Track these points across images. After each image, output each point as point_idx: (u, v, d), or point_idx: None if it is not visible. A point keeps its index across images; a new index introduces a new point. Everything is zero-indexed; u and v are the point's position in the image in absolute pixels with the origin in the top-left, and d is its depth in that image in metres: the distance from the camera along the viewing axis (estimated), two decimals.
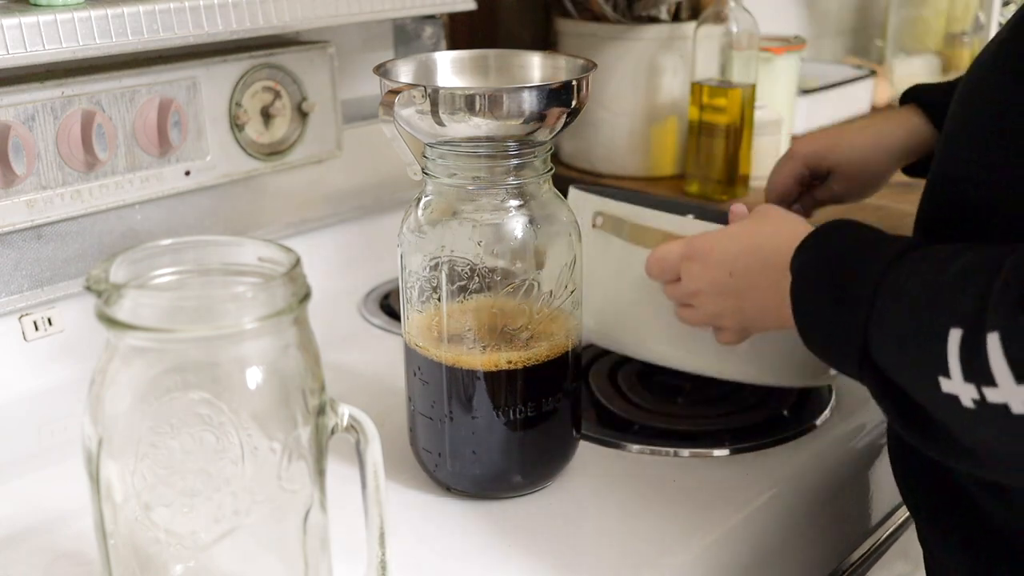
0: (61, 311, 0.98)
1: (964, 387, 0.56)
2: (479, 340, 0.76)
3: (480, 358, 0.76)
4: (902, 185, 1.40)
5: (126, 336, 0.54)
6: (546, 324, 0.77)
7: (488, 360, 0.76)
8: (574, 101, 0.77)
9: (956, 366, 0.56)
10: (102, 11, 0.92)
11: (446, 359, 0.77)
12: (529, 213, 0.76)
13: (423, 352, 0.78)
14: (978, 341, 0.55)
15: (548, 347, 0.77)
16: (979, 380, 0.55)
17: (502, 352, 0.76)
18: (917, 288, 0.60)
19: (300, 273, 0.57)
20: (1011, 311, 0.54)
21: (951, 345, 0.56)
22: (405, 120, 0.76)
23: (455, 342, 0.77)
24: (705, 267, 0.77)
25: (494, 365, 0.76)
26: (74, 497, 0.68)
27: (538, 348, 0.77)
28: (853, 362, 0.64)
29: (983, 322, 0.55)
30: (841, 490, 0.88)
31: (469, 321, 0.76)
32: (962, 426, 0.58)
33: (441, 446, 0.79)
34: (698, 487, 0.82)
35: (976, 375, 0.55)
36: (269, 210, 1.14)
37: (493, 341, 0.76)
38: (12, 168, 0.90)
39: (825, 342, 0.67)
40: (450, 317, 0.76)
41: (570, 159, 1.47)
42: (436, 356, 0.77)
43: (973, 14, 1.85)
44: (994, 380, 0.54)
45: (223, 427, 0.56)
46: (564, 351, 0.79)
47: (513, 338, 0.76)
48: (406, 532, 0.76)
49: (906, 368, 0.61)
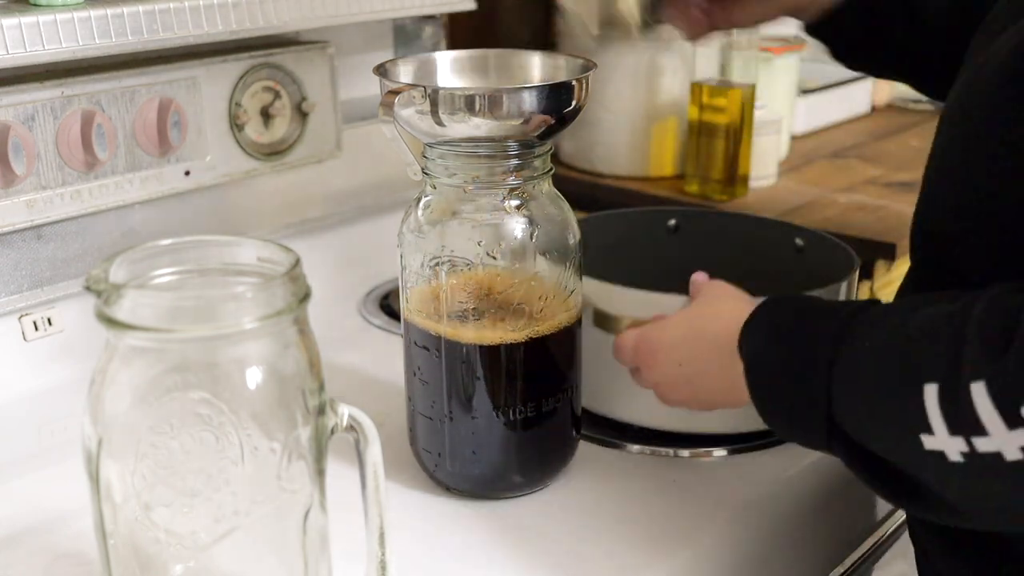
0: (61, 311, 0.98)
1: (951, 441, 0.54)
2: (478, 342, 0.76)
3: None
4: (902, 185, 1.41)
5: (126, 336, 0.54)
6: (546, 324, 0.77)
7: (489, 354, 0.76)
8: (574, 101, 0.77)
9: (939, 421, 0.54)
10: (102, 11, 0.92)
11: (445, 359, 0.77)
12: (529, 213, 0.76)
13: (423, 352, 0.78)
14: (960, 392, 0.53)
15: (548, 347, 0.77)
16: (967, 432, 0.53)
17: (502, 352, 0.76)
18: (879, 348, 0.58)
19: (300, 273, 0.57)
20: (993, 357, 0.52)
21: (928, 401, 0.55)
22: (405, 120, 0.76)
23: (454, 343, 0.77)
24: (655, 358, 0.76)
25: (494, 365, 0.76)
26: (74, 497, 0.68)
27: (538, 348, 0.77)
28: (821, 435, 0.62)
29: (961, 372, 0.53)
30: (841, 490, 0.88)
31: (468, 322, 0.76)
32: (951, 483, 0.57)
33: (441, 446, 0.79)
34: (698, 487, 0.82)
35: (963, 427, 0.53)
36: (269, 210, 1.14)
37: (493, 343, 0.76)
38: (12, 168, 0.90)
39: (788, 420, 0.65)
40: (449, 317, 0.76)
41: (570, 159, 1.47)
42: (435, 356, 0.77)
43: None
44: (984, 430, 0.53)
45: (223, 427, 0.56)
46: (563, 350, 0.79)
47: (513, 338, 0.76)
48: (406, 532, 0.76)
49: (880, 432, 0.59)
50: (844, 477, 0.89)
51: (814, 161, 1.53)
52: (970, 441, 0.53)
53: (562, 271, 0.77)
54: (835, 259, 0.92)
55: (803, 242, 0.98)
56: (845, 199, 1.35)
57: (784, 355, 0.64)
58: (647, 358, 0.77)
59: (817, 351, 0.61)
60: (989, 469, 0.54)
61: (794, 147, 1.55)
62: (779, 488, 0.83)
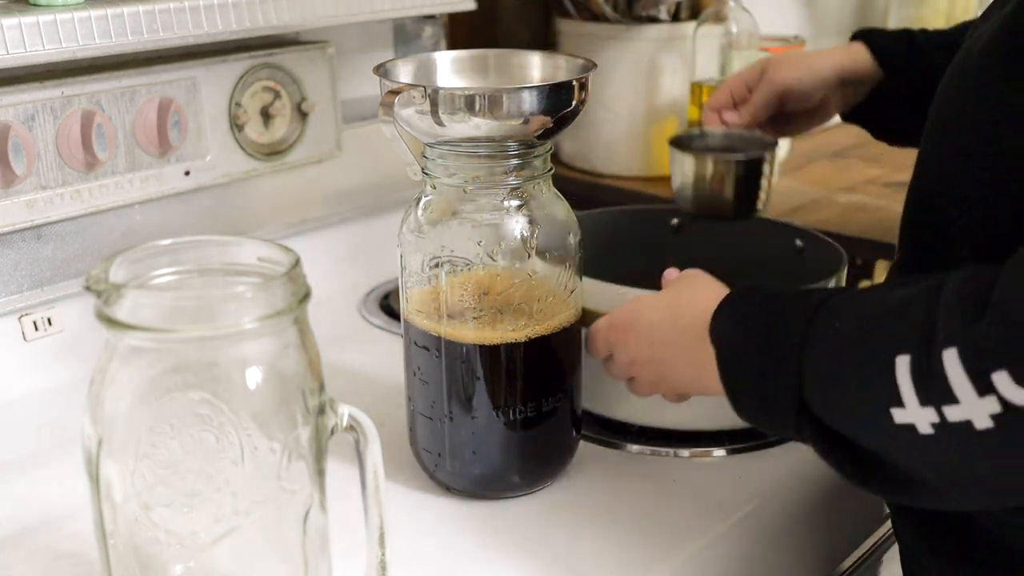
0: (61, 311, 0.98)
1: (921, 412, 0.54)
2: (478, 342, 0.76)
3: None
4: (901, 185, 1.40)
5: (126, 336, 0.54)
6: (545, 324, 0.77)
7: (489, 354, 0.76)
8: (574, 101, 0.77)
9: (910, 392, 0.54)
10: (102, 11, 0.92)
11: (445, 359, 0.77)
12: (529, 213, 0.76)
13: (423, 352, 0.78)
14: (931, 361, 0.53)
15: (548, 347, 0.77)
16: (938, 401, 0.53)
17: (502, 352, 0.76)
18: (851, 325, 0.58)
19: (300, 273, 0.57)
20: (965, 324, 0.52)
21: (900, 372, 0.54)
22: (405, 120, 0.76)
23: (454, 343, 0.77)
24: (628, 336, 0.76)
25: (494, 365, 0.76)
26: (74, 497, 0.68)
27: (538, 348, 0.77)
28: (791, 418, 0.62)
29: (933, 340, 0.53)
30: (840, 490, 0.88)
31: (468, 322, 0.76)
32: (919, 457, 0.56)
33: (440, 446, 0.79)
34: (697, 487, 0.82)
35: (934, 397, 0.53)
36: (269, 210, 1.14)
37: (492, 343, 0.76)
38: (12, 168, 0.90)
39: (758, 404, 0.65)
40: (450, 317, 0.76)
41: (570, 159, 1.47)
42: (435, 356, 0.77)
43: (972, 14, 1.85)
44: (955, 397, 0.53)
45: (223, 427, 0.56)
46: (563, 350, 0.79)
47: (513, 337, 0.76)
48: (406, 532, 0.76)
49: (850, 408, 0.59)
50: None
51: (814, 161, 1.54)
52: (941, 411, 0.53)
53: (562, 271, 0.77)
54: (834, 259, 0.92)
55: (803, 243, 0.98)
56: (845, 199, 1.35)
57: (754, 338, 0.64)
58: (620, 336, 0.77)
59: (788, 332, 0.61)
60: (959, 440, 0.53)
61: (794, 147, 1.55)
62: (779, 488, 0.83)
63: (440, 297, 0.76)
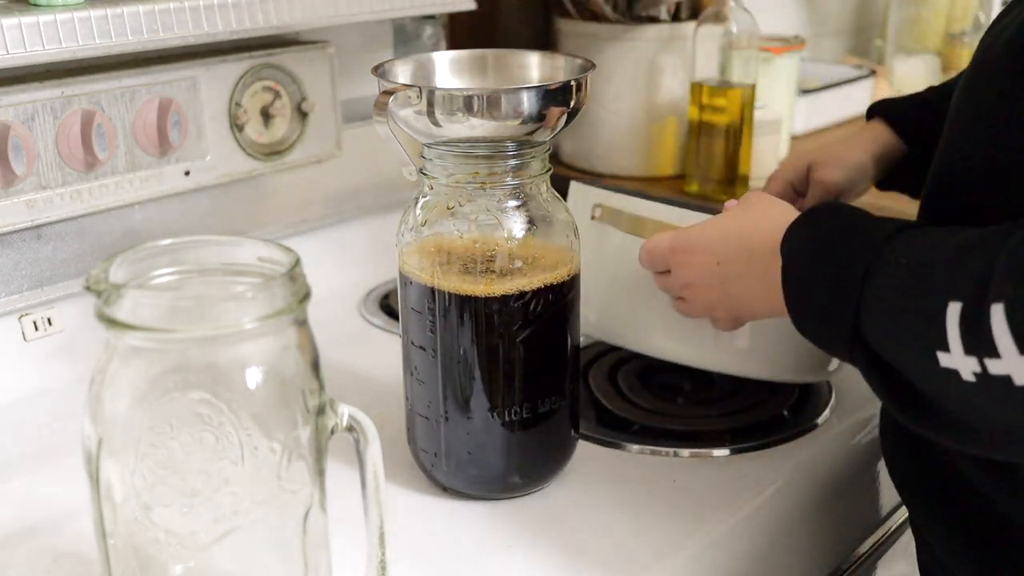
0: (61, 311, 0.98)
1: (965, 360, 0.55)
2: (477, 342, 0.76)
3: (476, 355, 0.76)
4: None
5: (126, 336, 0.54)
6: (544, 324, 0.77)
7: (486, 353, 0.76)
8: (573, 101, 0.76)
9: (956, 340, 0.55)
10: (102, 11, 0.92)
11: (441, 358, 0.77)
12: (528, 213, 0.76)
13: (419, 352, 0.78)
14: (980, 313, 0.54)
15: (545, 346, 0.77)
16: (981, 352, 0.54)
17: (499, 351, 0.76)
18: (912, 265, 0.60)
19: (300, 273, 0.58)
20: (1017, 282, 0.53)
21: (950, 319, 0.55)
22: (403, 121, 0.76)
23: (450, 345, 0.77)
24: (693, 257, 0.77)
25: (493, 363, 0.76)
26: (74, 497, 0.68)
27: (535, 347, 0.77)
28: (844, 342, 0.63)
29: (986, 294, 0.54)
30: (841, 490, 0.88)
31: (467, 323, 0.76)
32: (960, 401, 0.58)
33: (437, 446, 0.79)
34: (698, 487, 0.82)
35: (978, 347, 0.54)
36: (269, 210, 1.14)
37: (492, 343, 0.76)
38: (12, 168, 0.90)
39: (816, 323, 0.66)
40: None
41: (570, 159, 1.47)
42: (431, 355, 0.77)
43: (973, 14, 1.85)
44: (997, 352, 0.53)
45: (223, 427, 0.56)
46: (563, 351, 0.79)
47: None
48: (406, 532, 0.76)
49: (901, 345, 0.60)
50: (844, 477, 0.89)
51: None
52: (983, 362, 0.54)
53: (561, 271, 0.77)
54: None
55: None
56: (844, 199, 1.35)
57: (822, 258, 0.65)
58: (682, 256, 0.77)
59: (855, 260, 0.62)
60: (999, 392, 0.54)
61: (794, 147, 1.55)
62: (779, 488, 0.83)
63: (437, 297, 0.75)
